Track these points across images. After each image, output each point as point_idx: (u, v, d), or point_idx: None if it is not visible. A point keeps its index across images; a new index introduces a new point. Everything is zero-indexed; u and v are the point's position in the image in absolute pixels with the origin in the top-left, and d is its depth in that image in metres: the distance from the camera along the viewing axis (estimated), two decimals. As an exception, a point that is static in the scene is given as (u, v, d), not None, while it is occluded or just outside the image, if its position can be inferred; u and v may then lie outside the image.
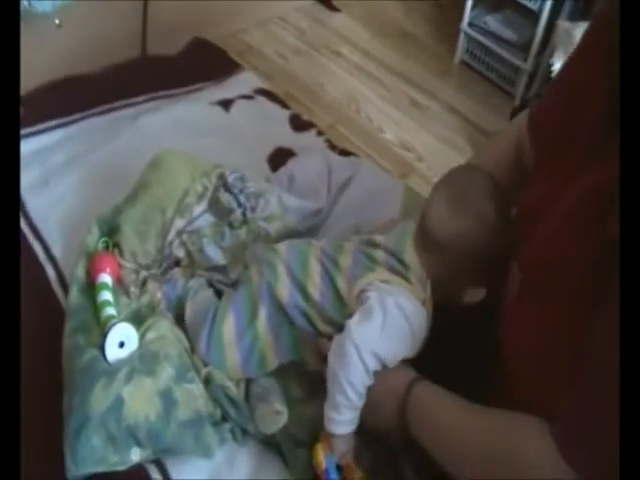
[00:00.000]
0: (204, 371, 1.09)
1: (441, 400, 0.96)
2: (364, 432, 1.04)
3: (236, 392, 1.08)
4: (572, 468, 0.75)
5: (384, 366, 0.99)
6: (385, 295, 1.01)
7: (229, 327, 1.09)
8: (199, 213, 1.25)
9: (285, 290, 1.08)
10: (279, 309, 1.08)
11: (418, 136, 2.15)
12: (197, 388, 1.06)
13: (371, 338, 0.98)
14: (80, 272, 1.18)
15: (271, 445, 1.08)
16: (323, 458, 1.01)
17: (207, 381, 1.08)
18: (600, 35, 0.89)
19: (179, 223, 1.23)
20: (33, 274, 1.25)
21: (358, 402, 0.99)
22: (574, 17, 2.30)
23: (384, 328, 0.98)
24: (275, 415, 1.05)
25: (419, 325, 1.01)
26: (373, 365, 0.98)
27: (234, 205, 1.27)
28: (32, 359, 1.13)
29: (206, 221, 1.25)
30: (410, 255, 1.05)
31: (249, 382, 1.11)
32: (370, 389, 1.00)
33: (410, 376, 1.00)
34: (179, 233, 1.23)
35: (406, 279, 1.04)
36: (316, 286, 1.07)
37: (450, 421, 0.93)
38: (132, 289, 1.19)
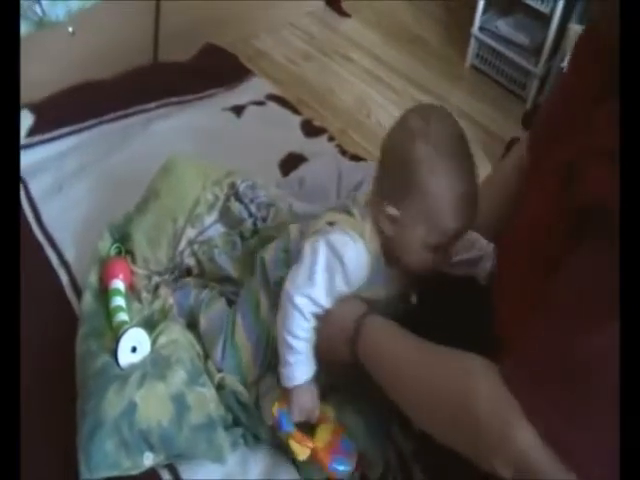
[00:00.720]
0: (217, 377, 1.10)
1: (390, 336, 0.96)
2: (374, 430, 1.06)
3: (248, 398, 1.09)
4: (519, 402, 0.74)
5: (322, 306, 1.00)
6: (318, 236, 1.01)
7: (239, 330, 1.11)
8: (210, 223, 1.26)
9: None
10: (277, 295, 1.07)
11: (429, 141, 2.15)
12: (209, 392, 1.07)
13: (300, 282, 0.99)
14: (93, 278, 1.20)
15: (283, 449, 1.08)
16: (276, 412, 1.02)
17: (219, 387, 1.09)
18: (592, 42, 0.90)
19: (190, 233, 1.24)
20: (47, 280, 1.27)
21: (303, 349, 1.00)
22: (586, 20, 2.29)
23: (312, 269, 0.99)
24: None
25: (354, 259, 0.99)
26: (308, 308, 0.99)
27: (245, 215, 1.28)
28: (46, 364, 1.15)
29: (217, 231, 1.26)
30: (361, 194, 1.07)
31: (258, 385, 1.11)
32: (321, 328, 1.01)
33: (359, 311, 1.00)
34: (190, 243, 1.23)
35: (350, 213, 1.04)
36: None
37: (399, 357, 0.93)
38: (144, 295, 1.20)
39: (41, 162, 1.51)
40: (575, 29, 2.17)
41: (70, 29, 1.81)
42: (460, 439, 0.83)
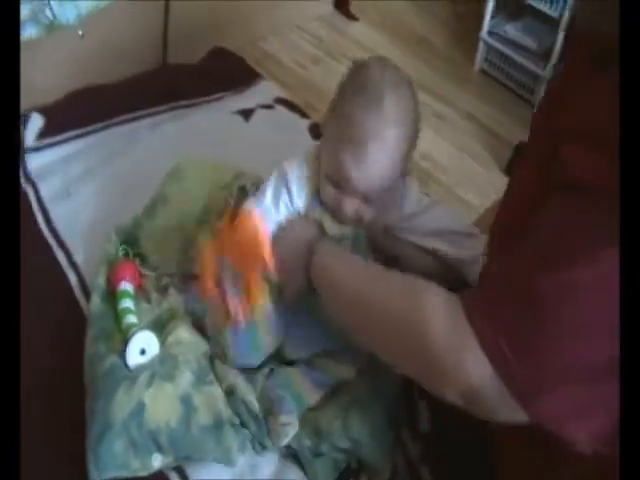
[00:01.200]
0: (225, 384, 1.09)
1: (341, 261, 0.98)
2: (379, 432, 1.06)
3: (257, 407, 1.08)
4: (475, 332, 0.73)
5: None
6: None
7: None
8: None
9: None
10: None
11: (437, 145, 2.15)
12: (217, 390, 1.07)
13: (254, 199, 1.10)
14: (101, 280, 1.20)
15: (291, 454, 1.09)
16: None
17: (229, 393, 1.09)
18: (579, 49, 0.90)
19: (201, 238, 1.23)
20: (56, 281, 1.28)
21: None
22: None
23: (264, 187, 1.11)
24: (283, 427, 1.05)
25: (295, 174, 1.09)
26: None
27: None
28: (54, 364, 1.15)
29: None
30: None
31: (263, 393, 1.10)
32: (280, 240, 1.04)
33: (312, 233, 1.04)
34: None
35: None
36: None
37: (349, 283, 0.93)
38: (153, 295, 1.20)
39: (50, 164, 1.52)
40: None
41: (80, 32, 1.82)
42: (411, 364, 0.83)
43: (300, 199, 1.09)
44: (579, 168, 0.72)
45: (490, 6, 2.55)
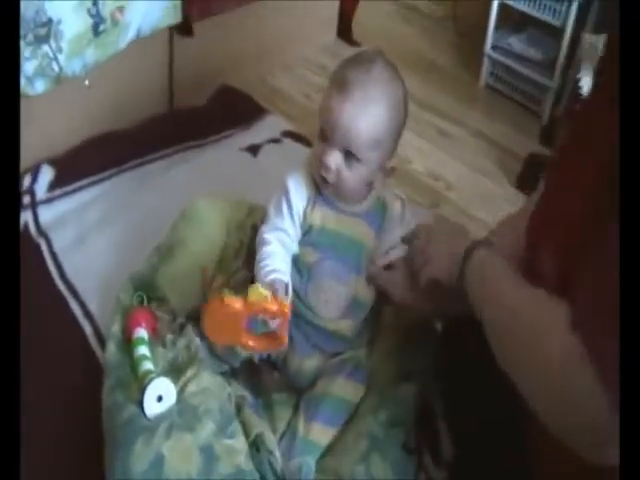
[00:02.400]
0: (253, 432, 1.09)
1: (499, 266, 0.96)
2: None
3: (281, 463, 1.07)
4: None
5: (277, 226, 1.14)
6: None
7: None
8: (236, 268, 1.25)
9: None
10: None
11: (447, 165, 2.14)
12: (238, 442, 1.06)
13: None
14: (116, 328, 1.20)
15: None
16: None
17: (254, 446, 1.08)
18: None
19: (219, 279, 1.24)
20: (71, 333, 1.29)
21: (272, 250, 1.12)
22: (599, 30, 2.27)
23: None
24: None
25: (293, 182, 1.16)
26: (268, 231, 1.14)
27: None
28: (73, 417, 1.16)
29: (244, 277, 1.23)
30: None
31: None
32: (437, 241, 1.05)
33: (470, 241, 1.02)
34: (220, 290, 1.23)
35: None
36: None
37: (499, 288, 0.93)
38: (168, 336, 1.19)
39: (63, 215, 1.55)
40: (588, 39, 2.15)
41: (86, 82, 1.86)
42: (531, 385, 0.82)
43: (297, 197, 1.14)
44: None
45: (492, 20, 2.55)
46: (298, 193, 1.14)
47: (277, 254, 1.12)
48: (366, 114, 1.05)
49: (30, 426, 1.10)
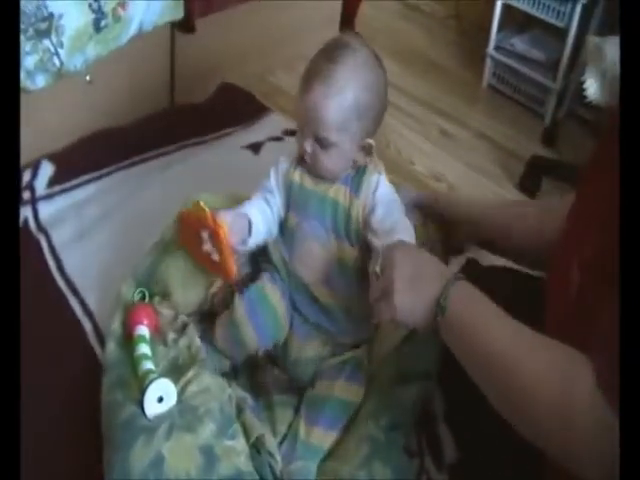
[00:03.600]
0: (253, 435, 1.08)
1: (487, 306, 0.89)
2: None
3: (282, 466, 1.07)
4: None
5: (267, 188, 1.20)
6: None
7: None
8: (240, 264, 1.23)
9: None
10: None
11: (449, 165, 2.14)
12: (239, 443, 1.05)
13: None
14: (116, 325, 1.19)
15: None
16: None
17: (255, 448, 1.07)
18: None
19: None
20: (71, 330, 1.27)
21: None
22: (603, 32, 2.27)
23: None
24: None
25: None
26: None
27: None
28: (73, 415, 1.15)
29: (245, 272, 1.23)
30: None
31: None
32: (400, 272, 0.96)
33: (452, 271, 0.96)
34: (222, 285, 1.22)
35: None
36: None
37: (491, 334, 0.86)
38: (170, 335, 1.18)
39: (62, 211, 1.53)
40: (593, 41, 2.14)
41: (87, 77, 1.85)
42: (550, 441, 0.80)
43: (284, 162, 1.19)
44: None
45: (496, 20, 2.54)
46: (285, 160, 1.20)
47: (254, 204, 1.18)
48: (327, 100, 1.06)
49: (28, 423, 1.10)
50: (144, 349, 1.13)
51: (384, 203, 1.13)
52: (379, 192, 1.14)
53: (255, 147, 1.81)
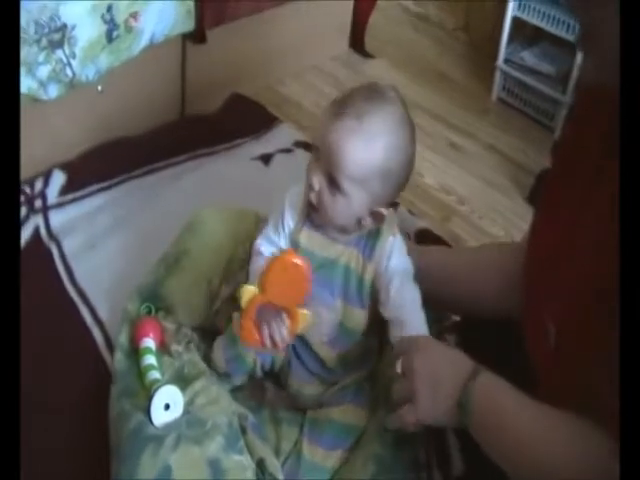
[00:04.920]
0: (256, 458, 1.07)
1: (508, 397, 0.91)
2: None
3: None
4: None
5: (271, 240, 1.12)
6: None
7: None
8: (243, 280, 1.21)
9: None
10: None
11: (459, 178, 2.14)
12: (246, 459, 1.05)
13: None
14: (123, 339, 1.20)
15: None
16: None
17: (260, 465, 1.07)
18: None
19: (225, 291, 1.23)
20: (81, 338, 1.28)
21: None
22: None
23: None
24: None
25: (291, 196, 1.13)
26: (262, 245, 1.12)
27: None
28: (83, 423, 1.15)
29: None
30: None
31: None
32: (425, 391, 0.96)
33: (471, 364, 0.95)
34: (225, 301, 1.23)
35: None
36: None
37: (517, 425, 0.88)
38: (174, 347, 1.19)
39: (74, 220, 1.54)
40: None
41: (99, 88, 1.86)
42: None
43: (290, 216, 1.10)
44: None
45: (506, 34, 2.55)
46: (291, 210, 1.10)
47: None
48: (354, 144, 0.98)
49: (37, 431, 1.11)
50: (150, 360, 1.14)
51: (398, 274, 1.08)
52: (393, 262, 1.08)
53: (265, 158, 1.82)
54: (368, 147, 0.98)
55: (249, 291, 0.99)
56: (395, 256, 1.09)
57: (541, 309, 0.94)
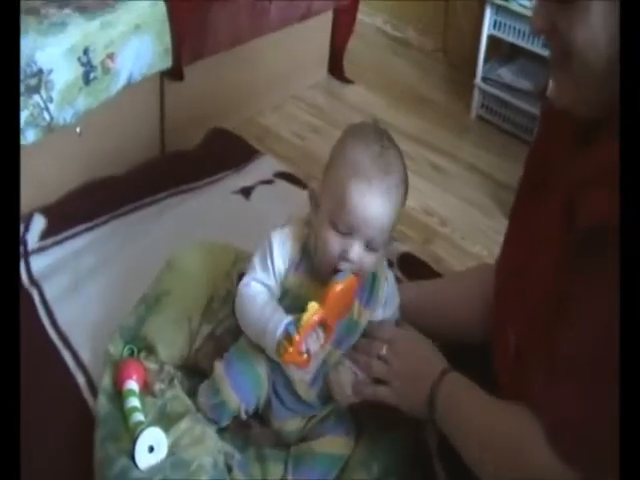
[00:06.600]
0: None
1: (468, 395, 1.02)
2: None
3: None
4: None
5: (260, 280, 1.10)
6: None
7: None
8: (224, 317, 1.25)
9: None
10: None
11: (441, 200, 2.14)
12: None
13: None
14: (106, 382, 1.20)
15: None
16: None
17: None
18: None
19: (205, 329, 1.24)
20: (64, 383, 1.27)
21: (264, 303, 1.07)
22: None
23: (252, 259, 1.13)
24: None
25: (278, 240, 1.11)
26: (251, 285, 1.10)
27: None
28: (67, 469, 1.15)
29: (230, 326, 1.21)
30: None
31: None
32: (397, 386, 1.07)
33: (442, 366, 1.07)
34: (206, 339, 1.23)
35: None
36: None
37: (471, 416, 1.00)
38: (158, 385, 1.19)
39: (56, 263, 1.54)
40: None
41: (77, 130, 1.87)
42: None
43: (280, 258, 1.09)
44: (602, 209, 0.77)
45: (482, 52, 2.57)
46: (281, 254, 1.10)
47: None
48: (390, 203, 1.02)
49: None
50: (134, 402, 1.14)
51: (389, 311, 1.16)
52: (388, 312, 1.15)
53: (246, 191, 1.82)
54: (397, 197, 1.04)
55: (313, 307, 0.99)
56: (390, 304, 1.15)
57: (506, 318, 1.00)
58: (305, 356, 1.00)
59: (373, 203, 1.01)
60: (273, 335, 1.00)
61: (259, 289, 1.09)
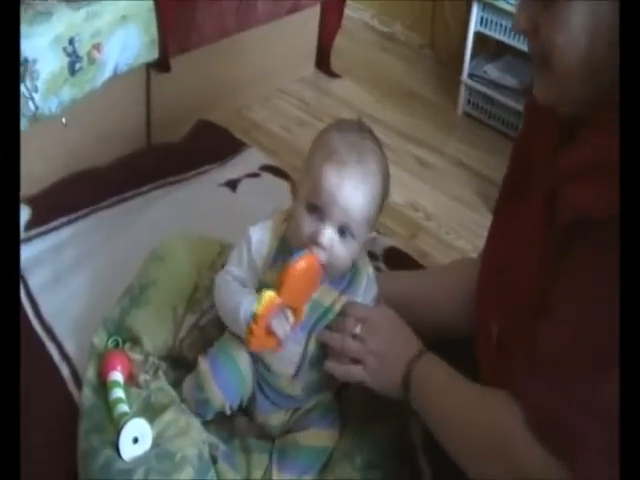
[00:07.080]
0: None
1: (444, 375, 1.03)
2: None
3: None
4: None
5: (235, 275, 1.10)
6: None
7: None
8: (208, 307, 1.24)
9: None
10: None
11: (427, 195, 2.15)
12: None
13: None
14: (90, 374, 1.19)
15: None
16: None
17: None
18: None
19: (190, 319, 1.24)
20: (48, 375, 1.26)
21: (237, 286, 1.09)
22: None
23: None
24: None
25: (257, 234, 1.11)
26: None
27: None
28: (51, 460, 1.14)
29: (214, 316, 1.20)
30: None
31: None
32: (373, 367, 1.06)
33: (418, 346, 1.07)
34: (191, 329, 1.23)
35: None
36: None
37: (444, 400, 1.00)
38: (142, 376, 1.18)
39: (40, 255, 1.52)
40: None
41: (63, 120, 1.86)
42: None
43: (257, 254, 1.09)
44: (585, 201, 0.77)
45: (469, 49, 2.58)
46: (259, 250, 1.10)
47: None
48: (365, 190, 1.02)
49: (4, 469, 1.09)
50: (118, 393, 1.14)
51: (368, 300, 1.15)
52: (367, 299, 1.14)
53: (232, 184, 1.81)
54: (373, 186, 1.03)
55: (269, 297, 0.98)
56: (369, 293, 1.14)
57: (489, 311, 1.02)
58: (275, 339, 1.01)
59: (344, 184, 1.01)
60: (241, 324, 1.02)
61: (232, 279, 1.10)
